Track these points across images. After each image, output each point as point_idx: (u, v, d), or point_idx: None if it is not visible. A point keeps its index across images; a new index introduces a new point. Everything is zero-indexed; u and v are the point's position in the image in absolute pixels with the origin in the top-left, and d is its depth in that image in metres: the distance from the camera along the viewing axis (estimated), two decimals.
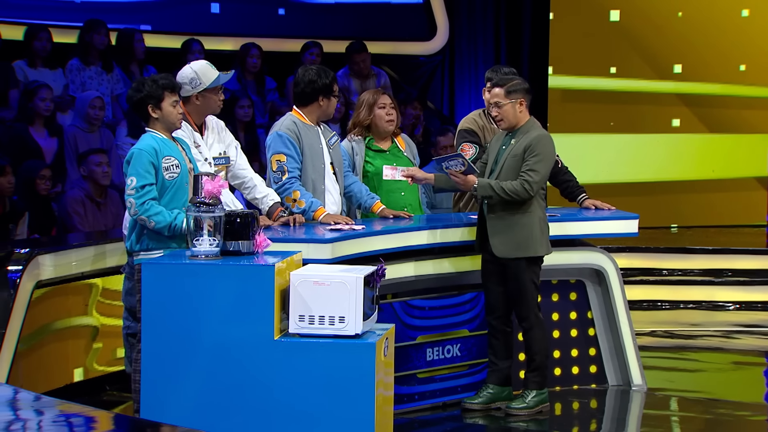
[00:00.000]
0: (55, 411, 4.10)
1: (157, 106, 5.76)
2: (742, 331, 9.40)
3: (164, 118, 5.78)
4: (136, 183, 5.64)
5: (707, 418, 6.91)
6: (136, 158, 5.69)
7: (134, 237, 5.79)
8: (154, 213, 5.64)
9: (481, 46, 12.53)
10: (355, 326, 5.15)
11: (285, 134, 6.57)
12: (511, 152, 6.44)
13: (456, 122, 12.02)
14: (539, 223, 6.47)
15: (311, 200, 6.48)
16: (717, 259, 10.54)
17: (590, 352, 7.25)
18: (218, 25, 11.68)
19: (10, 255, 6.41)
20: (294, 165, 6.53)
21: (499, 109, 6.46)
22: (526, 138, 6.44)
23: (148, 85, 5.76)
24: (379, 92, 7.13)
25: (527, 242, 6.43)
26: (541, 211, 6.51)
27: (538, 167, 6.37)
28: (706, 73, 12.95)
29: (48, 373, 6.72)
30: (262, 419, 5.16)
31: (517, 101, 6.44)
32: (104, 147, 8.93)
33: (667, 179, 13.05)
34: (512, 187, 6.34)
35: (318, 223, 6.43)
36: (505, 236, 6.44)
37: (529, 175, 6.35)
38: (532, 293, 6.50)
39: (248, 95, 10.18)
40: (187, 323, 5.18)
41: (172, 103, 5.78)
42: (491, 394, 6.64)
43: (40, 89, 8.87)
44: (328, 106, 6.69)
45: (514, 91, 6.43)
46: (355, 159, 7.00)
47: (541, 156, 6.39)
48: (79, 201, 8.20)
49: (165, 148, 5.73)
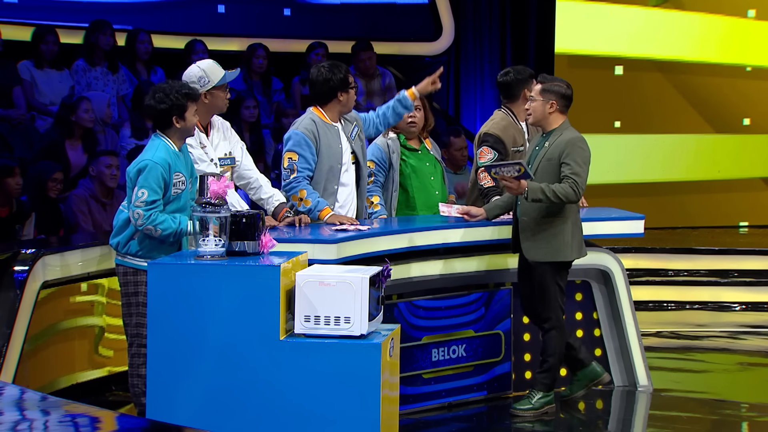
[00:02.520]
0: (61, 411, 4.10)
1: (181, 117, 5.75)
2: (748, 332, 9.40)
3: (185, 128, 5.78)
4: (147, 197, 5.64)
5: (713, 419, 6.90)
6: (150, 171, 5.67)
7: (123, 238, 5.81)
8: (160, 221, 5.68)
9: (486, 47, 12.53)
10: (361, 327, 5.15)
11: (302, 134, 6.55)
12: (545, 155, 6.50)
13: (462, 122, 12.05)
14: (571, 228, 6.50)
15: (317, 200, 6.48)
16: (723, 260, 10.54)
17: (596, 352, 7.25)
18: (223, 26, 11.68)
19: (17, 255, 6.42)
20: (305, 165, 6.53)
21: (531, 103, 6.57)
22: (560, 141, 6.48)
23: (173, 96, 5.71)
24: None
25: (558, 247, 6.47)
26: (575, 214, 6.53)
27: (580, 170, 6.42)
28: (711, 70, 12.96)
29: (54, 373, 6.73)
30: (268, 420, 5.16)
31: (548, 102, 6.51)
32: (109, 146, 8.94)
33: (673, 180, 13.04)
34: (562, 189, 6.39)
35: (323, 224, 6.43)
36: (536, 240, 6.49)
37: (575, 179, 6.39)
38: (556, 296, 6.52)
39: (254, 96, 10.18)
40: (192, 324, 5.18)
41: (194, 113, 5.79)
42: (579, 381, 6.77)
43: (81, 102, 8.81)
44: (348, 100, 6.66)
45: (549, 91, 6.52)
46: (392, 156, 7.01)
47: (581, 157, 6.44)
48: (83, 200, 8.20)
49: (177, 162, 5.74)
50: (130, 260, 5.82)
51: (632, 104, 12.93)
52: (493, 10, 12.51)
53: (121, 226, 5.83)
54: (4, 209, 7.81)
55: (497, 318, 6.97)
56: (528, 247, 6.50)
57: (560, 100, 6.52)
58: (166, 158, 5.70)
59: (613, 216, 7.24)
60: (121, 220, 5.85)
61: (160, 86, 5.82)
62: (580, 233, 6.56)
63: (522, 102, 7.04)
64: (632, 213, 7.26)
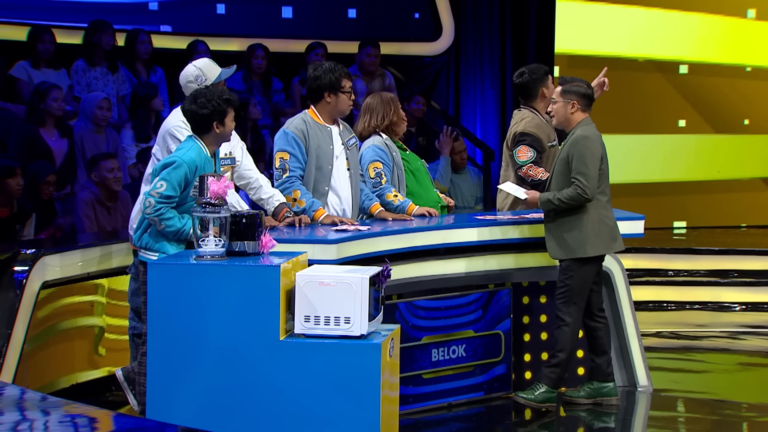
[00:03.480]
0: (61, 411, 4.10)
1: (221, 122, 5.74)
2: (748, 332, 9.39)
3: (223, 133, 5.78)
4: (164, 191, 5.64)
5: (713, 419, 6.90)
6: (176, 168, 5.65)
7: (140, 232, 5.83)
8: (167, 217, 5.68)
9: (486, 47, 12.52)
10: (361, 327, 5.15)
11: (291, 133, 6.56)
12: (560, 156, 6.63)
13: (462, 123, 12.05)
14: (591, 224, 6.55)
15: (311, 200, 6.48)
16: (723, 260, 10.54)
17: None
18: (224, 26, 11.68)
19: (17, 255, 6.42)
20: (296, 164, 6.53)
21: (553, 105, 6.69)
22: (571, 141, 6.60)
23: (215, 102, 5.69)
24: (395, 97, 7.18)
25: (576, 244, 6.55)
26: (596, 211, 6.57)
27: (584, 169, 6.49)
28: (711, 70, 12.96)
29: (54, 373, 6.73)
30: (268, 420, 5.16)
31: (570, 102, 6.60)
32: (110, 148, 8.94)
33: (673, 180, 13.04)
34: (568, 195, 6.50)
35: (320, 224, 6.43)
36: (556, 240, 6.61)
37: (579, 180, 6.48)
38: (575, 292, 6.58)
39: (254, 96, 10.18)
40: (192, 323, 5.18)
41: (232, 118, 5.79)
42: (592, 389, 6.78)
43: (52, 90, 8.85)
44: (337, 103, 6.62)
45: (568, 92, 6.62)
46: (394, 155, 7.04)
47: (585, 157, 6.50)
48: (89, 204, 8.19)
49: (207, 166, 5.73)
50: (143, 254, 5.82)
51: (632, 104, 12.92)
52: (493, 10, 12.50)
53: (139, 222, 5.86)
54: (5, 209, 7.81)
55: (497, 318, 6.97)
56: (550, 246, 6.64)
57: (581, 100, 6.62)
58: (195, 160, 5.69)
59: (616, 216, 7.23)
60: (137, 217, 5.88)
61: (201, 91, 5.79)
62: (606, 228, 6.60)
63: (540, 100, 7.29)
64: (632, 213, 7.26)
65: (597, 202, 6.58)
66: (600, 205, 6.60)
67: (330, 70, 6.60)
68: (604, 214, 6.60)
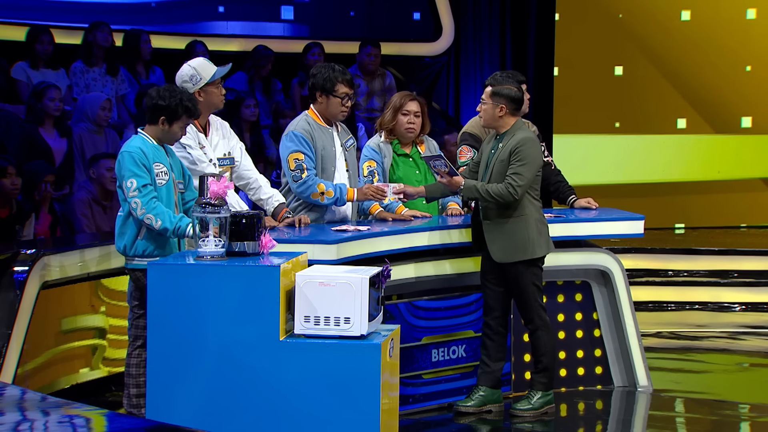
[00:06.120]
0: (61, 412, 4.10)
1: (168, 122, 5.75)
2: (748, 333, 9.39)
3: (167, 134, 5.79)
4: (137, 184, 5.63)
5: (713, 420, 6.90)
6: (127, 160, 5.67)
7: (128, 240, 5.77)
8: (160, 212, 5.65)
9: (486, 47, 12.52)
10: (361, 327, 5.15)
11: (299, 134, 6.54)
12: (499, 157, 6.49)
13: (461, 123, 12.03)
14: (535, 225, 6.48)
15: (338, 186, 6.49)
16: (723, 260, 10.53)
17: (596, 353, 7.25)
18: (224, 26, 11.67)
19: (16, 255, 6.42)
20: (312, 164, 6.53)
21: (482, 105, 6.55)
22: (511, 142, 6.46)
23: (175, 100, 5.73)
24: (408, 97, 6.99)
25: (524, 245, 6.45)
26: (537, 212, 6.51)
27: (522, 170, 6.39)
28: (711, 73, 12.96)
29: (54, 373, 6.73)
30: (267, 420, 5.16)
31: (498, 106, 6.48)
32: (110, 148, 8.94)
33: (672, 180, 13.04)
34: (497, 190, 6.38)
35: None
36: (502, 242, 6.46)
37: (513, 179, 6.38)
38: (534, 295, 6.50)
39: (254, 96, 10.18)
40: (192, 324, 5.18)
41: (181, 127, 5.80)
42: (483, 397, 6.64)
43: (49, 89, 8.86)
44: (328, 105, 6.58)
45: (498, 95, 6.49)
46: (384, 161, 6.98)
47: (526, 159, 6.40)
48: (86, 203, 8.21)
49: (156, 154, 5.74)
50: (139, 262, 5.78)
51: (632, 104, 12.93)
52: (493, 11, 12.51)
53: (121, 227, 5.81)
54: (4, 210, 7.81)
55: None
56: (495, 250, 6.47)
57: (510, 104, 6.49)
58: (140, 147, 5.71)
59: (613, 216, 7.24)
60: (120, 221, 5.83)
61: (174, 87, 5.85)
62: (545, 228, 6.54)
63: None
64: (632, 213, 7.26)
65: (535, 203, 6.51)
66: (538, 207, 6.55)
67: (327, 71, 6.58)
68: (541, 216, 6.57)
